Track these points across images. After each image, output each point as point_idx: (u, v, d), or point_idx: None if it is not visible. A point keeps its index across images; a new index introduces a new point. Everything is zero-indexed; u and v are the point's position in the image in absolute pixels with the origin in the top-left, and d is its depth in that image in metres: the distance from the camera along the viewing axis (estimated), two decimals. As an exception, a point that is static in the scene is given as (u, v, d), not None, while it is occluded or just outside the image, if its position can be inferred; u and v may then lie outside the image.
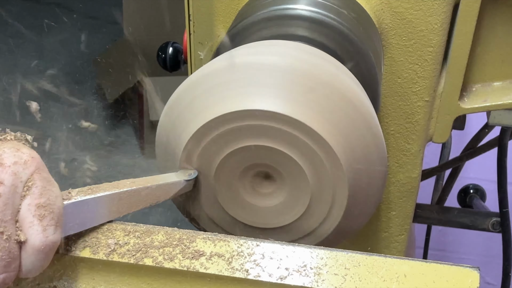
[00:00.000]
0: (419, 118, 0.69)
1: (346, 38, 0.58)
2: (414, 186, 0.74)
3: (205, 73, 0.51)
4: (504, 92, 0.69)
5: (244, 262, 0.46)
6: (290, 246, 0.46)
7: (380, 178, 0.53)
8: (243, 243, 0.47)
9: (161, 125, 0.54)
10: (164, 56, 0.84)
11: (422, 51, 0.66)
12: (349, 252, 0.46)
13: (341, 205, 0.51)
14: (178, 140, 0.52)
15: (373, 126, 0.51)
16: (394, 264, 0.45)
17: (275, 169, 0.51)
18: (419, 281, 0.44)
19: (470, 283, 0.43)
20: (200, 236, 0.47)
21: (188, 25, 0.73)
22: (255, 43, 0.55)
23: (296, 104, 0.48)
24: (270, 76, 0.49)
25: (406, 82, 0.68)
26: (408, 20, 0.65)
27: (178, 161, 0.52)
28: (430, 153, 0.97)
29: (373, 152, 0.51)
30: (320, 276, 0.44)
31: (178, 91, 0.53)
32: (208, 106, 0.50)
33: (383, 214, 0.76)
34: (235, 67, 0.50)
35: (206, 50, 0.73)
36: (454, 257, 1.74)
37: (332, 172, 0.49)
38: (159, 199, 0.50)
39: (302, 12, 0.59)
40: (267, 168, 0.51)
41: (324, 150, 0.48)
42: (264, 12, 0.59)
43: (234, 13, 0.68)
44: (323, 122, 0.48)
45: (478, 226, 0.98)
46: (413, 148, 0.71)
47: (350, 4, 0.63)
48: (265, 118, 0.48)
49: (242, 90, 0.49)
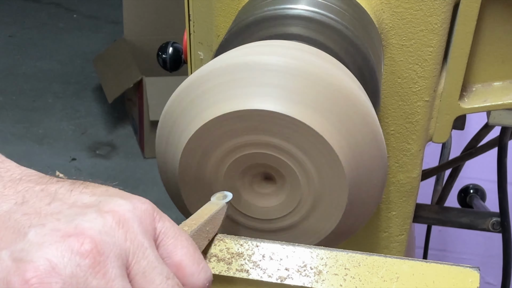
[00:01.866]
0: (419, 118, 0.69)
1: (346, 38, 0.58)
2: (414, 186, 0.74)
3: (205, 73, 0.51)
4: (504, 92, 0.69)
5: (244, 263, 0.46)
6: (290, 246, 0.46)
7: (380, 178, 0.53)
8: (243, 244, 0.47)
9: (161, 125, 0.54)
10: (164, 56, 0.84)
11: (422, 51, 0.66)
12: (349, 252, 0.46)
13: (341, 205, 0.51)
14: (178, 140, 0.52)
15: (373, 126, 0.51)
16: (394, 264, 0.45)
17: (275, 169, 0.51)
18: (419, 281, 0.44)
19: (470, 283, 0.43)
20: (200, 236, 0.47)
21: (188, 25, 0.73)
22: (255, 43, 0.55)
23: (296, 104, 0.48)
24: (270, 76, 0.49)
25: (406, 82, 0.68)
26: (408, 20, 0.65)
27: (178, 161, 0.52)
28: (430, 153, 0.97)
29: (373, 152, 0.51)
30: (320, 276, 0.44)
31: (178, 91, 0.53)
32: (208, 106, 0.50)
33: (383, 214, 0.76)
34: (235, 67, 0.50)
35: (206, 50, 0.73)
36: (454, 257, 1.74)
37: (332, 172, 0.49)
38: (215, 230, 0.48)
39: (302, 12, 0.59)
40: (267, 168, 0.51)
41: (324, 150, 0.48)
42: (264, 12, 0.59)
43: (234, 13, 0.68)
44: (323, 122, 0.48)
45: (478, 226, 0.98)
46: (413, 148, 0.71)
47: (350, 4, 0.63)
48: (265, 118, 0.48)
49: (242, 90, 0.49)
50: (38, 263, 0.32)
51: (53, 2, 4.00)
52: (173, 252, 0.38)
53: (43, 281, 0.31)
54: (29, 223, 0.34)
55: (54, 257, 0.32)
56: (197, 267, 0.38)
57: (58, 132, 2.76)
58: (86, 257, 0.33)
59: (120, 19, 2.87)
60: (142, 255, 0.36)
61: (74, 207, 0.36)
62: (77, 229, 0.34)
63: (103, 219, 0.35)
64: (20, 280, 0.31)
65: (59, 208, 0.36)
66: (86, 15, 3.84)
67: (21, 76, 3.17)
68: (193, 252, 0.39)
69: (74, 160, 2.60)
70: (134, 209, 0.37)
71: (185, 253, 0.38)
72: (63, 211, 0.36)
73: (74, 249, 0.33)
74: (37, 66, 3.27)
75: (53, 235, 0.33)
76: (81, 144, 2.70)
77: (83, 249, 0.33)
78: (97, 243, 0.34)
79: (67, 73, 3.24)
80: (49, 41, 3.54)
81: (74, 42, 3.52)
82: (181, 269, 0.38)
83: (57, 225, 0.34)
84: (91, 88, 3.11)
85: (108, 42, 3.24)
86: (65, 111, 2.92)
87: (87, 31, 3.66)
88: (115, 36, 3.21)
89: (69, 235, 0.34)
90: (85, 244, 0.33)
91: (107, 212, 0.36)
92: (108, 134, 2.80)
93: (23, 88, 3.07)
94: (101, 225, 0.35)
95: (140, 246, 0.36)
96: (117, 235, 0.35)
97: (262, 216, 0.53)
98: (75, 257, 0.33)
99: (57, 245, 0.33)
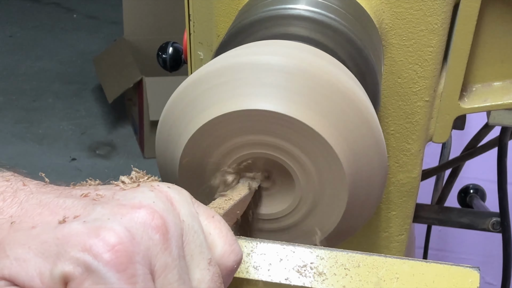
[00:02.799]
0: (419, 118, 0.69)
1: (346, 38, 0.58)
2: (414, 186, 0.74)
3: (205, 73, 0.51)
4: (504, 92, 0.69)
5: (243, 263, 0.46)
6: (290, 246, 0.46)
7: (380, 178, 0.53)
8: (243, 243, 0.47)
9: (161, 125, 0.54)
10: (164, 56, 0.84)
11: (422, 51, 0.66)
12: (349, 252, 0.46)
13: (341, 205, 0.51)
14: (178, 140, 0.52)
15: (373, 126, 0.51)
16: (394, 264, 0.45)
17: (275, 169, 0.51)
18: (419, 281, 0.44)
19: (470, 283, 0.43)
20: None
21: (188, 25, 0.73)
22: (255, 43, 0.55)
23: (296, 104, 0.48)
24: (270, 76, 0.49)
25: (406, 82, 0.68)
26: (408, 20, 0.65)
27: (178, 161, 0.52)
28: (430, 153, 0.97)
29: (373, 152, 0.51)
30: (320, 276, 0.44)
31: (178, 91, 0.53)
32: (208, 106, 0.50)
33: (383, 214, 0.76)
34: (235, 67, 0.50)
35: (206, 50, 0.73)
36: (454, 257, 1.74)
37: (332, 172, 0.49)
38: (242, 212, 0.49)
39: (302, 12, 0.59)
40: (267, 168, 0.51)
41: (324, 150, 0.48)
42: (264, 12, 0.59)
43: (234, 13, 0.68)
44: (323, 122, 0.48)
45: (478, 226, 0.98)
46: (413, 148, 0.71)
47: (350, 4, 0.63)
48: (265, 118, 0.48)
49: (242, 90, 0.49)
50: (119, 231, 0.31)
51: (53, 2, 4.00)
52: (207, 232, 0.38)
53: (128, 249, 0.31)
54: (92, 202, 0.34)
55: (132, 228, 0.32)
56: (229, 248, 0.38)
57: (58, 132, 2.76)
58: (157, 232, 0.33)
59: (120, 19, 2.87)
60: (192, 238, 0.36)
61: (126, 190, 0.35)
62: (142, 204, 0.33)
63: (160, 198, 0.35)
64: (103, 245, 0.30)
65: (112, 191, 0.35)
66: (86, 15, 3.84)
67: (21, 76, 3.17)
68: (225, 233, 0.39)
69: (74, 160, 2.60)
70: (180, 193, 0.37)
71: (218, 233, 0.38)
72: (117, 192, 0.35)
73: (147, 223, 0.33)
74: (37, 66, 3.27)
75: (122, 208, 0.33)
76: (81, 144, 2.70)
77: (154, 224, 0.33)
78: (165, 220, 0.33)
79: (67, 73, 3.24)
80: (49, 41, 3.54)
81: (74, 42, 3.52)
82: (213, 248, 0.38)
83: (121, 201, 0.34)
84: (91, 88, 3.11)
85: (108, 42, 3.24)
86: (65, 111, 2.92)
87: (87, 31, 3.67)
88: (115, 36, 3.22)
89: (139, 207, 0.33)
90: (155, 219, 0.33)
91: (161, 191, 0.36)
92: (108, 134, 2.80)
93: (23, 88, 3.07)
94: (162, 202, 0.34)
95: (191, 228, 0.36)
96: (175, 215, 0.35)
97: (262, 216, 0.53)
98: (148, 230, 0.32)
99: (131, 216, 0.32)
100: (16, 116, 2.85)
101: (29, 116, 2.86)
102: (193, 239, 0.36)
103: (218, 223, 0.39)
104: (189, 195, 0.38)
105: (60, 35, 3.61)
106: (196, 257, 0.36)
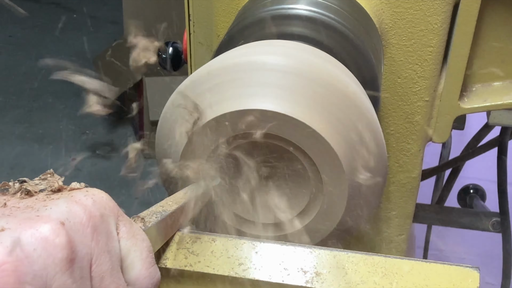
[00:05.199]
0: (419, 118, 0.69)
1: (346, 38, 0.58)
2: (414, 186, 0.74)
3: (205, 73, 0.51)
4: (504, 92, 0.69)
5: (244, 263, 0.46)
6: (290, 246, 0.46)
7: (380, 178, 0.53)
8: (243, 244, 0.47)
9: (161, 125, 0.54)
10: (164, 56, 0.84)
11: (422, 51, 0.66)
12: (349, 252, 0.46)
13: (341, 205, 0.51)
14: (178, 140, 0.52)
15: (373, 126, 0.51)
16: (394, 264, 0.45)
17: (275, 169, 0.51)
18: (419, 281, 0.44)
19: (470, 283, 0.43)
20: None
21: (188, 25, 0.73)
22: (255, 43, 0.55)
23: (296, 104, 0.48)
24: (270, 76, 0.49)
25: (406, 82, 0.68)
26: (408, 20, 0.65)
27: (178, 161, 0.52)
28: (430, 153, 0.97)
29: (373, 152, 0.51)
30: (320, 276, 0.44)
31: (178, 91, 0.53)
32: (208, 106, 0.50)
33: (383, 214, 0.76)
34: (235, 67, 0.50)
35: (206, 50, 0.73)
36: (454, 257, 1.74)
37: (332, 171, 0.49)
38: (195, 213, 0.48)
39: (302, 12, 0.59)
40: (267, 168, 0.51)
41: (324, 149, 0.48)
42: (264, 12, 0.59)
43: (234, 13, 0.68)
44: (323, 122, 0.48)
45: (478, 226, 0.98)
46: (413, 148, 0.71)
47: (350, 4, 0.63)
48: (265, 118, 0.48)
49: (242, 90, 0.49)
50: (9, 248, 0.29)
51: (53, 2, 4.00)
52: (126, 252, 0.37)
53: (16, 268, 0.29)
54: (1, 214, 0.32)
55: (28, 244, 0.30)
56: (145, 271, 0.38)
57: (58, 132, 2.76)
58: (60, 251, 0.31)
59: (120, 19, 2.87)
60: (103, 260, 0.34)
61: (42, 200, 0.34)
62: (51, 218, 0.32)
63: (75, 213, 0.33)
64: None
65: (32, 199, 0.34)
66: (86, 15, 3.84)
67: (21, 76, 3.17)
68: (145, 255, 0.38)
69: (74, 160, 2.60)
70: (102, 207, 0.36)
71: (138, 255, 0.38)
72: (30, 205, 0.33)
73: (49, 239, 0.31)
74: (37, 66, 3.27)
75: (27, 222, 0.31)
76: (81, 144, 2.70)
77: (58, 241, 0.31)
78: (71, 238, 0.32)
79: (67, 73, 3.24)
80: (49, 41, 3.54)
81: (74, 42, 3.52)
82: (130, 269, 0.38)
83: (33, 214, 0.32)
84: (91, 88, 3.10)
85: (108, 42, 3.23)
86: (65, 111, 2.92)
87: (87, 31, 3.66)
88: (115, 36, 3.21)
89: (45, 221, 0.31)
90: (60, 236, 0.31)
91: (80, 205, 0.34)
92: (108, 134, 2.80)
93: (23, 88, 3.07)
94: (75, 218, 0.33)
95: (103, 249, 0.35)
96: (85, 233, 0.33)
97: (262, 215, 0.53)
98: (48, 248, 0.31)
99: (31, 232, 0.31)
100: (16, 116, 2.85)
101: (29, 116, 2.86)
102: (104, 261, 0.35)
103: (140, 242, 0.38)
104: (114, 208, 0.37)
105: (60, 35, 3.61)
106: (107, 279, 0.35)
